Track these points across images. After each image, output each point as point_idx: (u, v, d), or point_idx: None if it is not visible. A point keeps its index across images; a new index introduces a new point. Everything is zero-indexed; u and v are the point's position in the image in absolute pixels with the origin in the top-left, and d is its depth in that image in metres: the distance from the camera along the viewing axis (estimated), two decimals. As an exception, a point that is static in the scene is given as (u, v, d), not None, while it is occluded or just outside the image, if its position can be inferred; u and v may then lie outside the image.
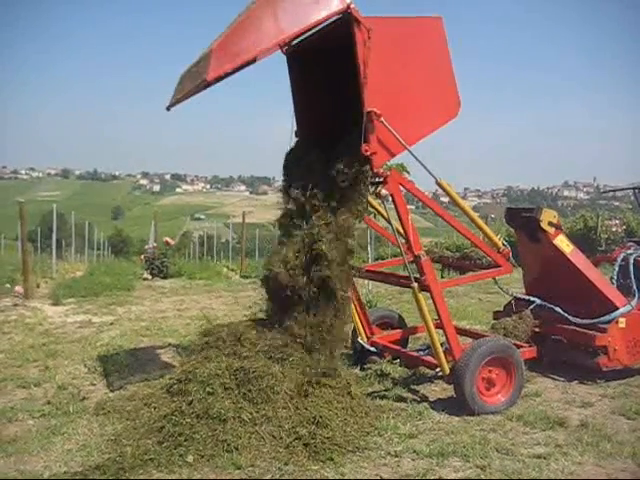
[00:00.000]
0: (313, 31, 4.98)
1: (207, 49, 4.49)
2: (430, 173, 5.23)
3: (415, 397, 5.49)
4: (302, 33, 4.81)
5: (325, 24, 4.85)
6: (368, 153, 4.91)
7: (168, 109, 4.95)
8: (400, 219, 5.22)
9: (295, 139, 5.80)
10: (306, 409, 4.45)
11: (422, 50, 5.31)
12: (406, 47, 5.19)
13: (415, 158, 5.16)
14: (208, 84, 4.35)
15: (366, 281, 9.82)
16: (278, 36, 4.52)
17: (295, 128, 5.79)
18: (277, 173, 5.75)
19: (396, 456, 4.26)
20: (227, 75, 4.55)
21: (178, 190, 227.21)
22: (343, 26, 4.83)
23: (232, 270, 19.56)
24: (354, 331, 6.41)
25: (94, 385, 5.99)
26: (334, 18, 4.77)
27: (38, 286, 13.24)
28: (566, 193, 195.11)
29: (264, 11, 4.45)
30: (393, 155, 5.18)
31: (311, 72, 5.69)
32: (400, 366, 6.16)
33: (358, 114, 4.95)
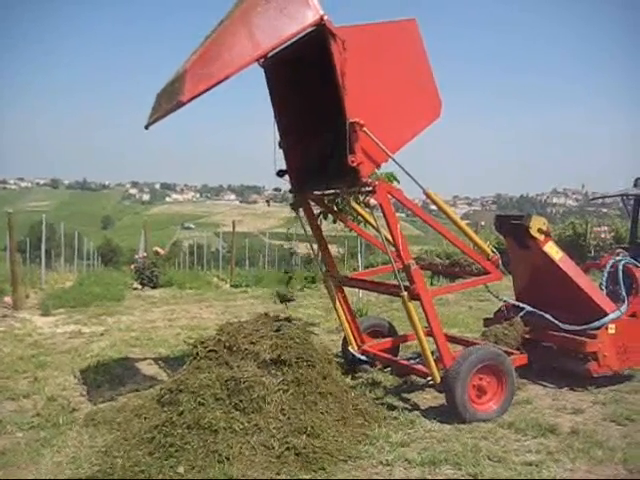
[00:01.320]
0: (289, 42, 4.88)
1: (181, 68, 4.42)
2: (417, 183, 5.21)
3: (406, 405, 5.48)
4: (277, 47, 4.73)
5: (300, 36, 4.79)
6: (355, 164, 4.90)
7: (146, 128, 4.91)
8: (389, 229, 5.23)
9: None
10: (298, 419, 4.44)
11: (398, 54, 5.29)
12: (382, 53, 5.16)
13: (401, 168, 5.16)
14: (184, 104, 4.30)
15: (356, 289, 9.83)
16: (253, 53, 4.44)
17: (278, 139, 5.74)
18: (267, 182, 5.76)
19: (388, 465, 4.25)
20: (203, 93, 4.46)
21: (168, 199, 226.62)
22: (319, 35, 4.80)
23: (222, 279, 19.50)
24: (344, 340, 6.41)
25: (84, 396, 5.94)
26: (309, 30, 4.73)
27: (27, 297, 13.16)
28: (555, 200, 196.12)
29: (238, 28, 4.40)
30: (379, 164, 5.18)
31: (290, 80, 5.64)
32: (391, 375, 6.17)
33: (340, 122, 4.91)
